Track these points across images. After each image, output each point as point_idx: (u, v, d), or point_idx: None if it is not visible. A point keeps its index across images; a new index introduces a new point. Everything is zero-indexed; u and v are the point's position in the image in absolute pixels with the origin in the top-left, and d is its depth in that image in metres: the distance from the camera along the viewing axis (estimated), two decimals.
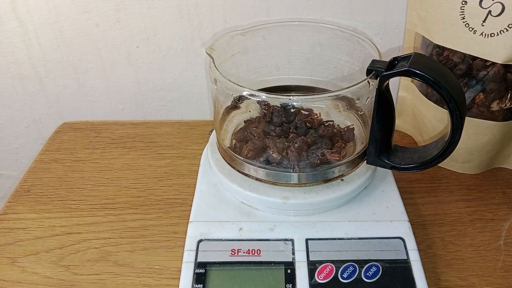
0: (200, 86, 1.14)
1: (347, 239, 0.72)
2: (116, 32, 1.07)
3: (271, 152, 0.73)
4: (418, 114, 0.97)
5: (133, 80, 1.14)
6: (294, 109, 0.76)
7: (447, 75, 0.66)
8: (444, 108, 0.71)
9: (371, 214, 0.75)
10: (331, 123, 0.79)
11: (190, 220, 0.75)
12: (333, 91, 0.67)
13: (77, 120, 1.17)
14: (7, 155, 1.27)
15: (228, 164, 0.78)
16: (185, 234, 0.73)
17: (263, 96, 0.69)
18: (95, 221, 0.87)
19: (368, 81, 0.68)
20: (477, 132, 0.88)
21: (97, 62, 1.12)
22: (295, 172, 0.73)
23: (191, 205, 0.78)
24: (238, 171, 0.77)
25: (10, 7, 1.03)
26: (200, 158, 0.88)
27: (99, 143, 1.07)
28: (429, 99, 0.91)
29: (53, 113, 1.20)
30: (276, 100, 0.76)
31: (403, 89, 1.03)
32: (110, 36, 1.07)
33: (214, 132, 0.85)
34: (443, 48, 0.87)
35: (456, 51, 0.85)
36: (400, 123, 1.05)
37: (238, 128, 0.82)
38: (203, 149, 0.89)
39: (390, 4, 1.01)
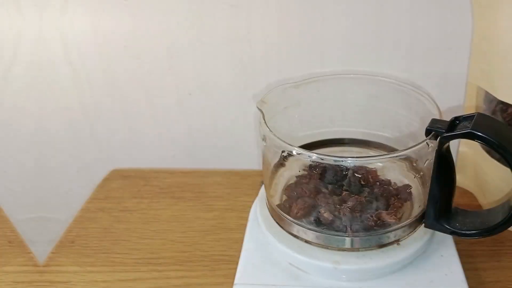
0: (252, 134, 1.11)
1: None
2: (168, 79, 1.04)
3: (322, 212, 0.69)
4: (480, 171, 0.92)
5: (185, 127, 1.12)
6: (347, 171, 0.72)
7: None
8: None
9: (429, 282, 0.69)
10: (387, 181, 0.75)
11: (235, 282, 0.71)
12: (389, 154, 0.63)
13: (127, 166, 1.15)
14: (57, 199, 1.25)
15: (277, 223, 0.75)
16: None
17: (314, 156, 0.65)
18: (138, 277, 0.83)
19: (427, 142, 0.63)
20: None
21: (149, 108, 1.09)
22: (348, 236, 0.68)
23: (237, 263, 0.74)
24: (287, 231, 0.73)
25: (62, 53, 1.02)
26: (249, 212, 0.84)
27: (147, 192, 1.04)
28: (492, 157, 0.87)
29: (104, 158, 1.18)
30: (328, 160, 0.70)
31: (464, 144, 0.98)
32: (162, 82, 1.05)
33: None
34: (508, 105, 0.82)
35: None
36: (461, 179, 0.99)
37: (289, 184, 0.78)
38: (253, 201, 0.85)
39: (452, 55, 0.97)
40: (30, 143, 1.16)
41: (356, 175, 0.73)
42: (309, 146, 0.84)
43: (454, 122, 0.64)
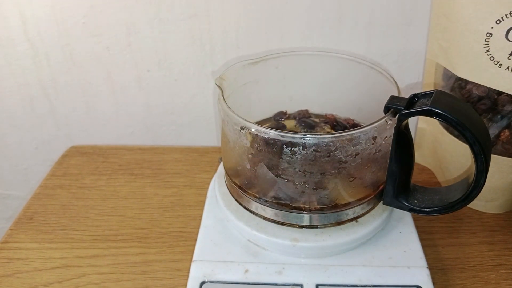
0: (211, 111, 1.11)
1: (361, 286, 0.67)
2: (127, 55, 1.03)
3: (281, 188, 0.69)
4: (439, 147, 0.93)
5: (143, 103, 1.11)
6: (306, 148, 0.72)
7: (471, 115, 0.61)
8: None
9: (387, 259, 0.70)
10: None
11: (194, 259, 0.71)
12: (347, 131, 0.63)
13: (86, 143, 1.14)
14: (16, 176, 1.24)
15: (236, 200, 0.74)
16: (188, 272, 0.69)
17: (272, 133, 0.64)
18: (96, 254, 0.83)
19: (386, 119, 0.63)
20: (502, 170, 0.83)
21: (107, 85, 1.08)
22: (307, 214, 0.68)
23: (196, 240, 0.74)
24: (245, 208, 0.73)
25: (21, 30, 1.01)
26: (208, 189, 0.84)
27: (106, 169, 1.03)
28: (450, 134, 0.87)
29: (62, 135, 1.17)
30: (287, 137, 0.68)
31: (422, 121, 0.98)
32: (121, 59, 1.04)
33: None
34: (466, 81, 0.83)
35: (480, 85, 0.81)
36: (419, 156, 1.00)
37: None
38: (211, 178, 0.85)
39: (410, 32, 0.97)
40: None
41: (316, 151, 0.72)
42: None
43: (413, 99, 0.64)
